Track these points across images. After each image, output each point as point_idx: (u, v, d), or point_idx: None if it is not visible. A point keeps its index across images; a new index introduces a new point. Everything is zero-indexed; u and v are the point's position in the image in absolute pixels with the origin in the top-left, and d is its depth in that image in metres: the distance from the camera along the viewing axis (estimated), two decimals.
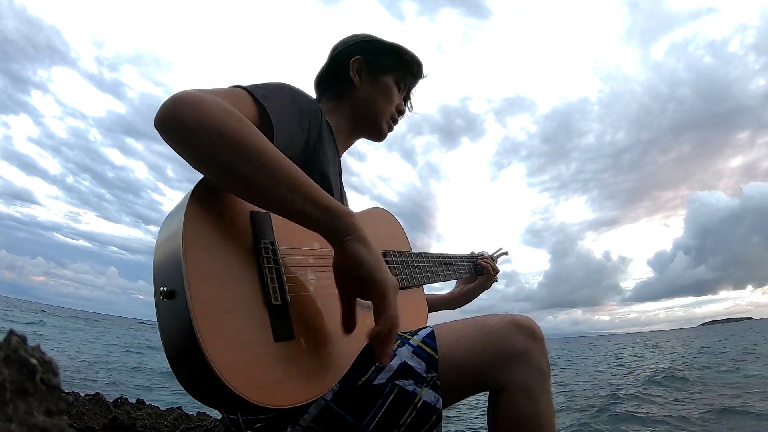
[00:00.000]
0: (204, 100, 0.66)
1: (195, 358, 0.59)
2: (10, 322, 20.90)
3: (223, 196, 0.71)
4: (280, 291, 0.72)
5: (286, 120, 0.84)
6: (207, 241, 0.66)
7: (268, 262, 0.72)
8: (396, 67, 1.17)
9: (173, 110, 0.65)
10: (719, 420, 5.22)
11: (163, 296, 0.63)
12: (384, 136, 1.21)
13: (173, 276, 0.62)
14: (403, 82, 1.19)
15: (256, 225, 0.74)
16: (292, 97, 0.89)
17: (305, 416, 0.79)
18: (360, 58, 1.14)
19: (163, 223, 0.71)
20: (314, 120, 0.93)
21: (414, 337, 0.90)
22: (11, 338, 0.31)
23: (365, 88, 1.14)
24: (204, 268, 0.64)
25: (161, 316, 0.65)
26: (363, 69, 1.14)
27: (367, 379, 0.82)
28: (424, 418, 0.82)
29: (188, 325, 0.59)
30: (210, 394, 0.64)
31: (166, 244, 0.66)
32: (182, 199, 0.70)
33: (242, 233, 0.72)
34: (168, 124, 0.65)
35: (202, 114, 0.64)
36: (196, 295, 0.61)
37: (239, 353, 0.63)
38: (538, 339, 0.90)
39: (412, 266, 1.12)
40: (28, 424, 0.29)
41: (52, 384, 0.32)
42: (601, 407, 6.13)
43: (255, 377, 0.64)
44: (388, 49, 1.16)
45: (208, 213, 0.68)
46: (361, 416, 0.80)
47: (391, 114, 1.18)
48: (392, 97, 1.17)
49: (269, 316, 0.69)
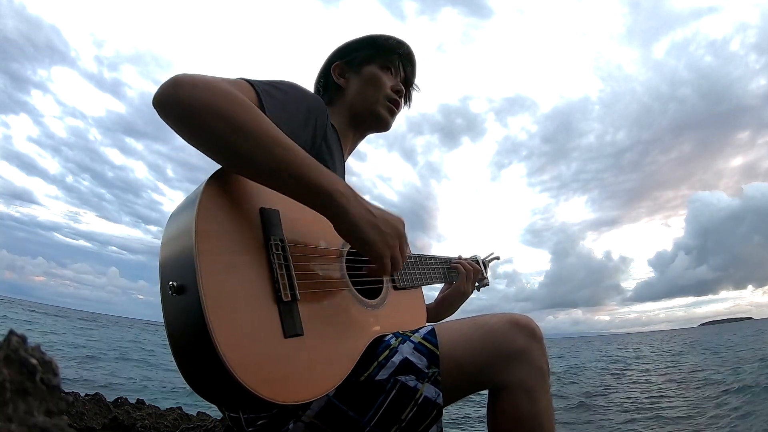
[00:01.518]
0: (203, 80, 0.68)
1: (206, 353, 0.60)
2: (9, 321, 20.91)
3: (233, 193, 0.72)
4: (290, 287, 0.72)
5: (288, 117, 0.84)
6: (218, 237, 0.67)
7: (278, 259, 0.73)
8: (374, 54, 1.17)
9: (173, 89, 0.66)
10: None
11: (172, 291, 0.63)
12: (386, 121, 1.19)
13: (184, 271, 0.63)
14: (389, 64, 1.19)
15: (266, 221, 0.75)
16: (299, 95, 0.90)
17: (308, 412, 0.80)
18: (339, 62, 1.18)
19: (171, 218, 0.72)
20: (321, 119, 0.94)
21: (415, 334, 0.90)
22: (11, 338, 0.31)
23: (353, 85, 1.17)
24: (215, 264, 0.64)
25: (168, 312, 0.65)
26: (345, 70, 1.18)
27: (370, 374, 0.83)
28: (425, 413, 0.82)
29: (200, 320, 0.59)
30: (218, 390, 0.64)
31: (177, 239, 0.67)
32: (192, 194, 0.71)
33: (252, 229, 0.73)
34: (167, 104, 0.67)
35: (201, 93, 0.66)
36: (208, 290, 0.61)
37: (250, 349, 0.64)
38: (538, 338, 0.90)
39: (414, 267, 1.13)
40: (28, 424, 0.29)
41: (52, 384, 0.32)
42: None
43: (266, 373, 0.64)
44: (362, 43, 1.19)
45: (218, 209, 0.69)
46: (363, 411, 0.81)
47: (386, 96, 1.17)
48: (380, 82, 1.16)
49: (279, 312, 0.70)
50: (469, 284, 1.32)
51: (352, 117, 1.16)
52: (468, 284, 1.32)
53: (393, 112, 1.19)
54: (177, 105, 0.67)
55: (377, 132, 1.24)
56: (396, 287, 1.04)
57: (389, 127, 1.21)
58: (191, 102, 0.66)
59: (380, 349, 0.87)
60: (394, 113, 1.20)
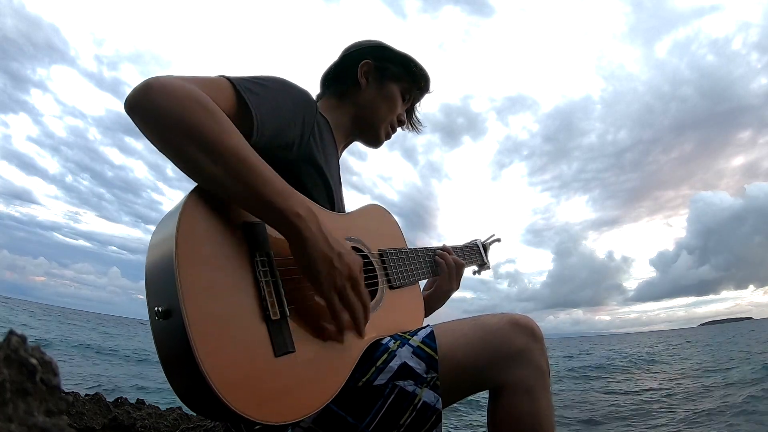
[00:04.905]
0: (173, 86, 0.67)
1: (194, 378, 0.59)
2: (8, 322, 20.97)
3: (215, 208, 0.70)
4: (279, 305, 0.71)
5: (273, 113, 0.82)
6: (201, 257, 0.65)
7: (265, 276, 0.70)
8: (403, 78, 1.17)
9: (142, 94, 0.66)
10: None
11: (158, 317, 0.61)
12: (380, 143, 1.21)
13: (168, 295, 0.61)
14: (408, 94, 1.20)
15: (251, 237, 0.72)
16: (284, 90, 0.88)
17: (305, 418, 0.79)
18: (370, 61, 1.15)
19: (153, 235, 0.69)
20: (308, 114, 0.92)
21: (414, 337, 0.90)
22: (11, 338, 0.31)
23: (370, 91, 1.15)
24: (199, 285, 0.62)
25: (157, 337, 0.63)
26: (371, 73, 1.15)
27: (368, 380, 0.82)
28: (424, 419, 0.82)
29: (186, 346, 0.58)
30: (214, 413, 0.63)
31: (159, 260, 0.64)
32: (172, 209, 0.68)
33: (237, 246, 0.70)
34: (135, 107, 0.67)
35: (168, 100, 0.65)
36: (192, 314, 0.59)
37: (240, 371, 0.63)
38: (538, 338, 0.90)
39: (409, 263, 1.11)
40: (28, 424, 0.29)
41: (52, 384, 0.32)
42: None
43: (257, 394, 0.63)
44: (399, 59, 1.17)
45: (200, 226, 0.67)
46: (361, 417, 0.80)
47: (390, 122, 1.18)
48: (395, 106, 1.17)
49: (268, 330, 0.68)
50: (452, 282, 1.22)
51: (354, 120, 1.15)
52: (451, 282, 1.22)
53: (388, 137, 1.23)
54: (142, 110, 0.66)
55: (365, 145, 1.25)
56: (392, 286, 1.02)
57: (378, 147, 1.24)
58: (152, 108, 0.65)
59: (378, 353, 0.86)
60: (389, 138, 1.24)
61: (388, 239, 1.11)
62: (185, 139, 0.66)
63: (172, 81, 0.67)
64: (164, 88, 0.66)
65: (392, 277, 1.03)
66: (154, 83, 0.66)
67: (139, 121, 0.67)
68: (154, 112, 0.65)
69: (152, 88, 0.66)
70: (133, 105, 0.67)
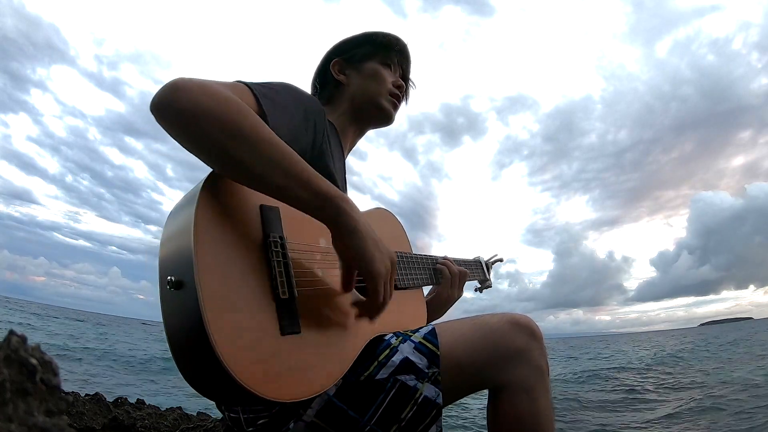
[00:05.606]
0: (202, 85, 0.67)
1: (202, 349, 0.60)
2: (7, 322, 20.99)
3: (232, 190, 0.72)
4: (288, 285, 0.72)
5: (287, 120, 0.84)
6: (217, 234, 0.67)
7: (277, 256, 0.73)
8: (374, 51, 1.18)
9: (171, 94, 0.66)
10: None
11: (170, 286, 0.63)
12: (390, 114, 1.18)
13: (183, 267, 0.63)
14: (389, 60, 1.19)
15: (266, 219, 0.75)
16: (296, 97, 0.90)
17: (308, 411, 0.80)
18: (338, 59, 1.18)
19: (170, 216, 0.72)
20: (319, 120, 0.94)
21: (416, 333, 0.91)
22: (11, 338, 0.31)
23: (354, 81, 1.16)
24: (214, 260, 0.64)
25: (167, 307, 0.65)
26: (344, 66, 1.18)
27: (370, 374, 0.83)
28: (425, 413, 0.83)
29: (197, 316, 0.59)
30: (215, 386, 0.64)
31: (176, 235, 0.67)
32: (191, 191, 0.71)
33: (252, 227, 0.73)
34: (165, 108, 0.66)
35: (200, 98, 0.65)
36: (205, 286, 0.61)
37: (247, 346, 0.64)
38: (537, 338, 0.91)
39: (413, 267, 1.13)
40: (28, 424, 0.29)
41: (52, 384, 0.32)
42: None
43: (262, 370, 0.64)
44: (361, 40, 1.19)
45: (218, 206, 0.69)
46: (363, 411, 0.81)
47: (388, 91, 1.17)
48: (382, 77, 1.17)
49: (277, 309, 0.70)
50: (454, 290, 1.23)
51: (354, 111, 1.16)
52: (453, 290, 1.23)
53: (395, 106, 1.19)
54: (176, 109, 0.66)
55: (379, 126, 1.23)
56: (397, 287, 1.03)
57: (392, 121, 1.20)
58: (190, 107, 0.65)
59: (380, 348, 0.87)
60: (397, 107, 1.20)
61: (392, 242, 1.14)
62: (227, 136, 0.66)
63: (199, 81, 0.68)
64: (192, 85, 0.66)
65: (398, 277, 1.04)
66: (183, 82, 0.66)
67: (173, 120, 0.67)
68: (192, 111, 0.65)
69: (181, 86, 0.66)
70: (163, 103, 0.66)
